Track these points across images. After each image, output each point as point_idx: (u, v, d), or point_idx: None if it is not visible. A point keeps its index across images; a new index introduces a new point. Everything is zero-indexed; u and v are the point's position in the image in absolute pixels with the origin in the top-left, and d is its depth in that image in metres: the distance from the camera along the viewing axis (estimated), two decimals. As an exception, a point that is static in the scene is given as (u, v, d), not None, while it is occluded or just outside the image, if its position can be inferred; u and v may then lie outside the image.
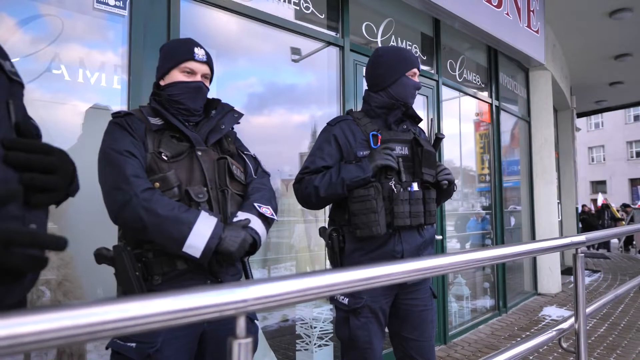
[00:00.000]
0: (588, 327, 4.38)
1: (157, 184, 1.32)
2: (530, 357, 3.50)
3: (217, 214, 1.36)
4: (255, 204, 1.42)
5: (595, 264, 8.76)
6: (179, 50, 1.47)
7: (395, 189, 1.75)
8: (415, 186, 1.80)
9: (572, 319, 1.82)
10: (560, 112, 9.09)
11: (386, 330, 1.89)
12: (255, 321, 1.53)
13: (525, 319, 4.77)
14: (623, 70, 8.59)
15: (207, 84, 1.52)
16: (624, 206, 15.15)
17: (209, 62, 1.51)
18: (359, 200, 1.70)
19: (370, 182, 1.71)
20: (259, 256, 2.92)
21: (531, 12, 5.41)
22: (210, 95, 1.57)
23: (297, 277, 0.69)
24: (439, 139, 1.92)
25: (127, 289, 1.28)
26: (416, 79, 1.90)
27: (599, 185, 34.24)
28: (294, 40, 3.07)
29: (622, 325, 4.48)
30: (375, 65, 1.91)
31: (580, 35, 6.97)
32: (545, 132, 6.25)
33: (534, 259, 5.98)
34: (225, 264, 1.36)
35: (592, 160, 35.09)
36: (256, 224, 1.38)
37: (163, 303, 0.60)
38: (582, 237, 1.82)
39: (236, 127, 1.64)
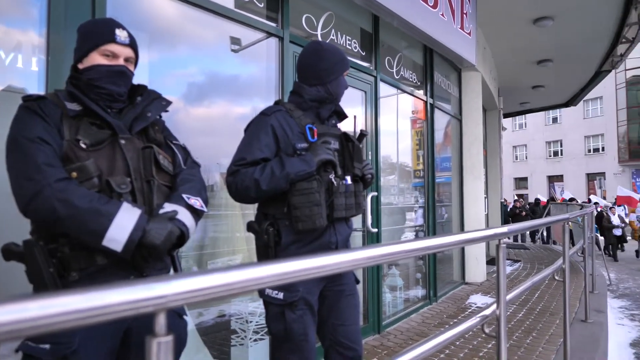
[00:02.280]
0: (508, 313, 4.69)
1: (74, 174, 1.22)
2: (457, 343, 3.69)
3: (141, 205, 1.29)
4: (184, 196, 1.36)
5: (517, 254, 9.41)
6: (99, 31, 1.37)
7: (335, 182, 1.78)
8: (348, 179, 1.86)
9: (494, 306, 1.93)
10: (488, 111, 9.63)
11: None
12: (185, 317, 1.47)
13: (453, 307, 5.03)
14: (544, 75, 9.26)
15: (131, 68, 1.43)
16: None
17: (132, 45, 1.42)
18: (302, 194, 1.69)
19: (313, 175, 1.72)
20: (195, 251, 2.83)
21: (464, 15, 5.66)
22: (144, 82, 1.49)
23: (221, 271, 0.67)
24: (363, 135, 1.99)
25: (39, 287, 1.18)
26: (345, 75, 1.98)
27: (521, 182, 36.83)
28: (234, 30, 2.99)
29: (537, 309, 4.85)
30: (317, 59, 1.89)
31: (507, 40, 7.41)
32: (475, 131, 6.59)
33: (462, 251, 6.30)
34: (150, 258, 1.29)
35: (516, 158, 37.62)
36: (184, 216, 1.32)
37: (70, 301, 0.55)
38: (504, 229, 1.93)
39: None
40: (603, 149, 31.56)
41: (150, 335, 0.64)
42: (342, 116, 2.01)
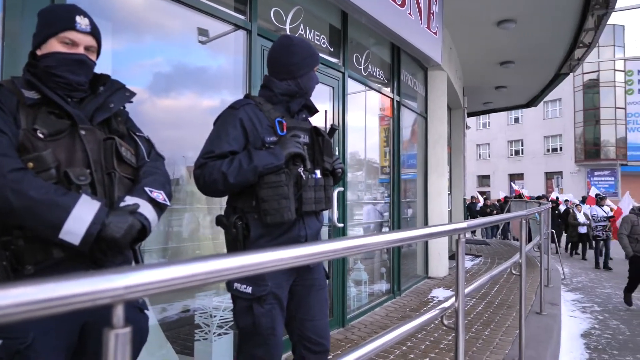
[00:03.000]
0: (468, 306, 4.85)
1: (31, 164, 1.18)
2: (419, 335, 3.78)
3: (101, 198, 1.26)
4: (146, 189, 1.34)
5: (478, 250, 9.71)
6: (59, 18, 1.33)
7: (303, 176, 1.79)
8: (318, 173, 1.87)
9: (453, 299, 2.00)
10: (453, 110, 9.86)
11: None
12: (146, 311, 1.46)
13: (416, 301, 5.15)
14: (507, 76, 9.56)
15: (92, 57, 1.39)
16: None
17: (94, 33, 1.38)
18: (270, 187, 1.69)
19: (282, 168, 1.72)
20: (159, 245, 2.79)
21: (431, 15, 5.77)
22: (107, 72, 1.45)
23: (181, 263, 0.67)
24: (333, 129, 2.00)
25: None
26: (316, 69, 1.99)
27: (484, 179, 37.95)
28: (201, 21, 2.94)
29: (496, 303, 5.03)
30: (288, 54, 1.89)
31: (472, 41, 7.60)
32: (439, 129, 6.74)
33: (426, 246, 6.45)
34: (110, 252, 1.27)
35: (480, 156, 38.73)
36: (146, 209, 1.30)
37: (24, 292, 0.54)
38: (464, 224, 1.99)
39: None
40: (561, 149, 32.91)
41: (107, 328, 0.63)
42: (312, 110, 2.02)
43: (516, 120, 35.78)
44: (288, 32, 3.58)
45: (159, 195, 1.36)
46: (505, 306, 4.88)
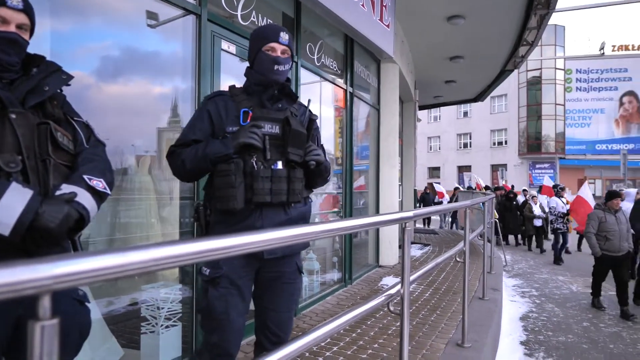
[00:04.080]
0: (417, 293, 5.02)
1: None
2: (368, 322, 3.88)
3: (34, 186, 1.19)
4: (85, 176, 1.28)
5: (427, 239, 10.04)
6: None
7: (255, 166, 1.78)
8: (279, 164, 1.84)
9: (399, 285, 2.06)
10: (405, 103, 10.06)
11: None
12: (87, 304, 1.40)
13: (367, 289, 5.26)
14: (456, 71, 9.86)
15: (24, 36, 1.31)
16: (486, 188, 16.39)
17: (27, 10, 1.30)
18: (221, 175, 1.74)
19: (232, 158, 1.74)
20: (105, 236, 2.68)
21: (384, 7, 5.84)
22: (45, 53, 1.37)
23: (112, 252, 0.64)
24: (312, 120, 1.99)
25: None
26: (278, 53, 1.90)
27: (434, 171, 39.15)
28: (150, 3, 2.83)
29: (442, 289, 5.23)
30: (250, 41, 1.97)
31: (424, 35, 7.77)
32: (391, 121, 6.87)
33: (377, 235, 6.59)
34: (44, 242, 1.20)
35: (430, 149, 39.88)
36: (84, 198, 1.25)
37: None
38: (410, 213, 2.05)
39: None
40: (506, 142, 34.47)
41: (32, 320, 0.60)
42: (293, 98, 1.99)
43: (465, 114, 37.10)
44: (239, 19, 3.51)
45: (99, 184, 1.31)
46: (451, 292, 5.09)
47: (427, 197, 17.03)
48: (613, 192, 6.24)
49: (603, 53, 29.82)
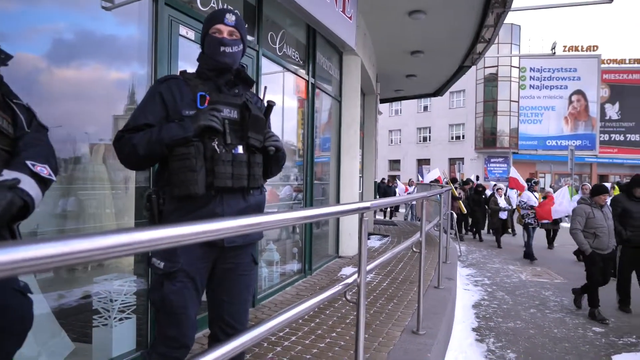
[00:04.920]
0: (375, 283, 5.11)
1: None
2: (327, 312, 3.92)
3: None
4: (28, 162, 1.22)
5: (386, 230, 10.23)
6: None
7: (218, 150, 1.74)
8: (240, 149, 1.81)
9: (356, 275, 2.09)
10: (367, 95, 10.16)
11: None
12: (29, 295, 1.34)
13: (326, 279, 5.31)
14: (417, 65, 10.03)
15: None
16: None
17: None
18: (179, 159, 1.67)
19: (192, 141, 1.68)
20: (53, 227, 2.56)
21: (346, -1, 5.85)
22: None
23: (54, 240, 0.61)
24: (270, 106, 1.95)
25: None
26: (224, 35, 1.87)
27: (394, 164, 39.87)
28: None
29: (400, 279, 5.36)
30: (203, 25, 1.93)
31: (385, 29, 7.84)
32: (353, 113, 6.92)
33: (337, 226, 6.65)
34: None
35: (391, 142, 40.54)
36: (28, 184, 1.19)
37: None
38: (367, 204, 2.08)
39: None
40: (463, 136, 35.52)
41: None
42: (249, 82, 1.96)
43: (425, 108, 37.90)
44: (199, 4, 3.42)
45: (43, 170, 1.25)
46: (408, 282, 5.22)
47: (388, 190, 17.38)
48: (600, 187, 5.67)
49: (554, 52, 31.19)
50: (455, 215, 9.27)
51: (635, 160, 34.68)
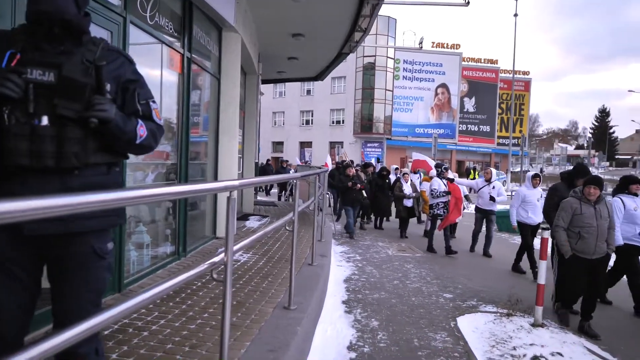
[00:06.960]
0: (251, 262, 5.15)
1: None
2: (200, 293, 3.85)
3: None
4: None
5: (266, 211, 10.32)
6: None
7: (7, 121, 1.50)
8: (45, 120, 1.53)
9: (223, 254, 2.09)
10: (248, 75, 10.02)
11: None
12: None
13: (201, 261, 5.18)
14: (298, 48, 10.16)
15: None
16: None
17: None
18: None
19: None
20: None
21: (226, -27, 5.65)
22: None
23: None
24: (98, 67, 1.62)
25: None
26: None
27: (278, 145, 40.19)
28: None
29: (276, 257, 5.47)
30: None
31: (267, 8, 7.78)
32: (233, 92, 6.77)
33: (214, 206, 6.52)
34: None
35: (275, 123, 40.73)
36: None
37: None
38: (235, 183, 2.08)
39: None
40: (343, 121, 37.13)
41: None
42: (75, 35, 1.63)
43: (308, 92, 38.70)
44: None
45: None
46: (284, 260, 5.36)
47: (267, 169, 17.59)
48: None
49: (422, 47, 34.09)
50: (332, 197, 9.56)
51: (486, 148, 39.86)
